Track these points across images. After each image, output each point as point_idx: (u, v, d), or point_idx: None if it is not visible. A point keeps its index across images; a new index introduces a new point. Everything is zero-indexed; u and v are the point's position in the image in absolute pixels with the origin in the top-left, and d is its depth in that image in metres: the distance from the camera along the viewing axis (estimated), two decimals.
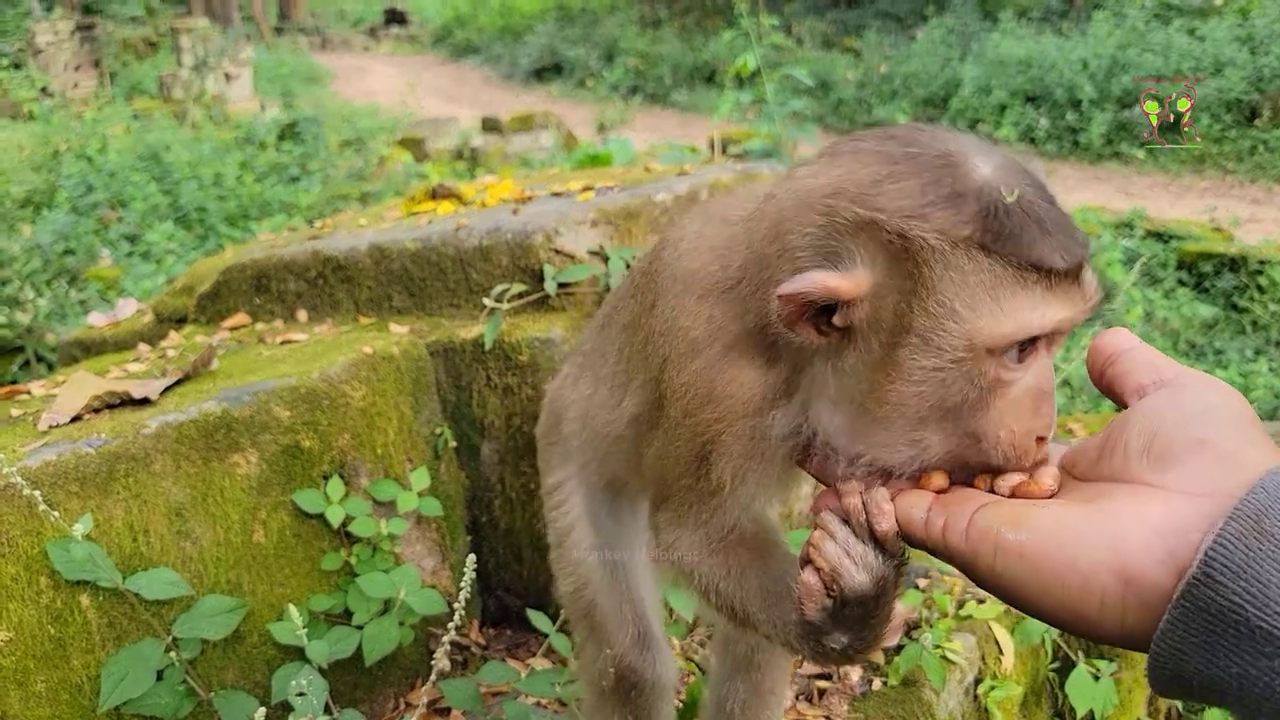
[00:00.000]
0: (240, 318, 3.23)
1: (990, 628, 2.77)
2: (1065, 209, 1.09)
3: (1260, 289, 8.96)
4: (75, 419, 2.31)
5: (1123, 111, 14.78)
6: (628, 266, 2.71)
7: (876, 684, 2.63)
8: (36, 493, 1.87)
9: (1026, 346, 1.08)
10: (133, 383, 2.44)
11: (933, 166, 1.07)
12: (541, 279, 2.69)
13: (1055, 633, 2.78)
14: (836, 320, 1.11)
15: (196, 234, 10.59)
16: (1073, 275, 1.05)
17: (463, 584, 1.98)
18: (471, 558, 1.97)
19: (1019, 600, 0.98)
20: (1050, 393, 1.12)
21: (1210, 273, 9.33)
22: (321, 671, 2.17)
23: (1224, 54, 14.51)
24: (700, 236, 1.40)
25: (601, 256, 2.73)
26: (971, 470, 1.13)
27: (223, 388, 2.43)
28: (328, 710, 2.17)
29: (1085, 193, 12.91)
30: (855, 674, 2.67)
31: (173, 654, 2.09)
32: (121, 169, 11.65)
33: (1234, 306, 9.02)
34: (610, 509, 2.01)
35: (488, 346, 2.64)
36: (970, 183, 1.05)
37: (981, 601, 2.83)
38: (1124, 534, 0.90)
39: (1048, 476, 1.09)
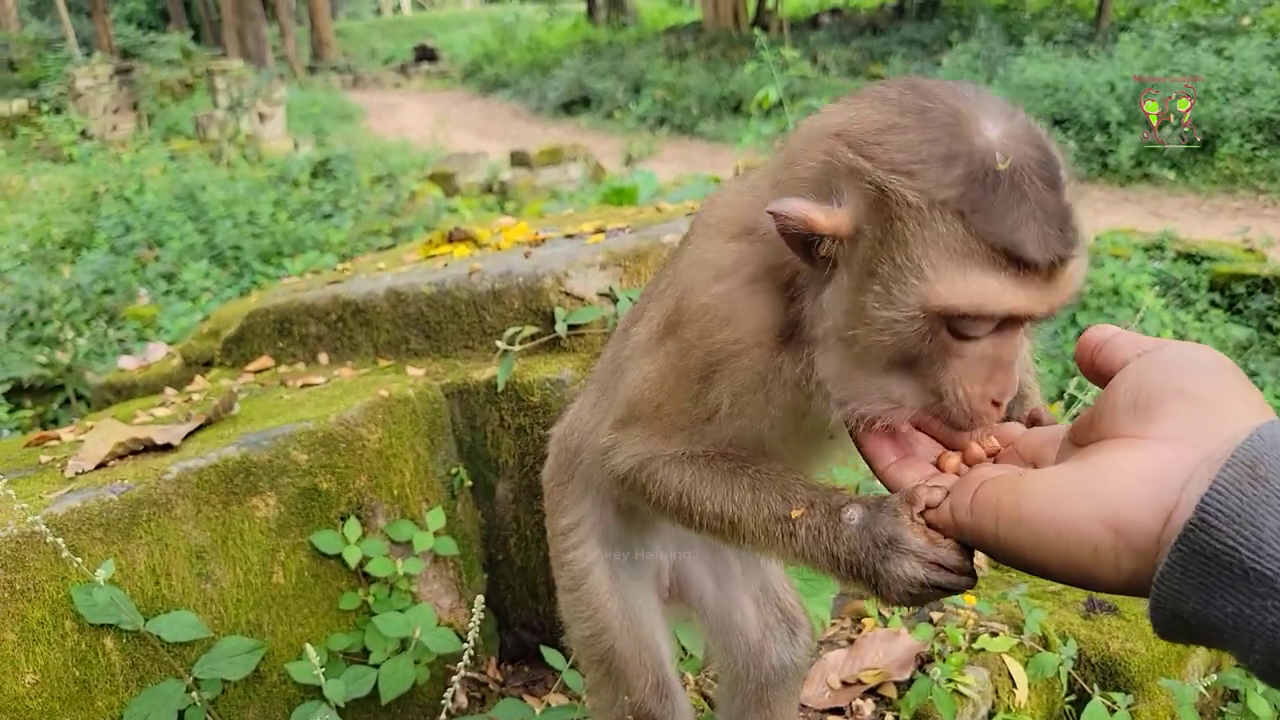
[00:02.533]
0: (264, 360, 3.32)
1: (1003, 660, 2.77)
2: (1068, 197, 1.09)
3: None
4: (100, 465, 2.39)
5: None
6: None
7: (889, 718, 2.64)
8: (60, 540, 1.94)
9: (983, 324, 1.11)
10: (156, 429, 2.52)
11: (937, 123, 1.08)
12: (552, 321, 2.75)
13: (1069, 665, 2.78)
14: (822, 252, 1.15)
15: (231, 272, 10.78)
16: (1047, 270, 1.06)
17: (472, 623, 2.03)
18: (480, 598, 2.02)
19: (1025, 563, 1.02)
20: (1008, 363, 1.15)
21: (1243, 294, 9.23)
22: (339, 710, 2.23)
23: (1253, 73, 14.41)
24: (736, 191, 1.43)
25: (611, 298, 2.79)
26: (938, 420, 1.20)
27: (243, 432, 2.51)
28: None
29: (1115, 215, 12.83)
30: (868, 709, 2.68)
31: (194, 694, 2.16)
32: (158, 209, 11.88)
33: (1268, 328, 8.91)
34: (625, 549, 1.98)
35: (500, 388, 2.70)
36: (967, 144, 1.06)
37: (995, 635, 2.84)
38: (1109, 484, 0.95)
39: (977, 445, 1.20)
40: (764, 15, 26.14)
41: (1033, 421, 1.31)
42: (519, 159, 16.37)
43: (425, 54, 34.80)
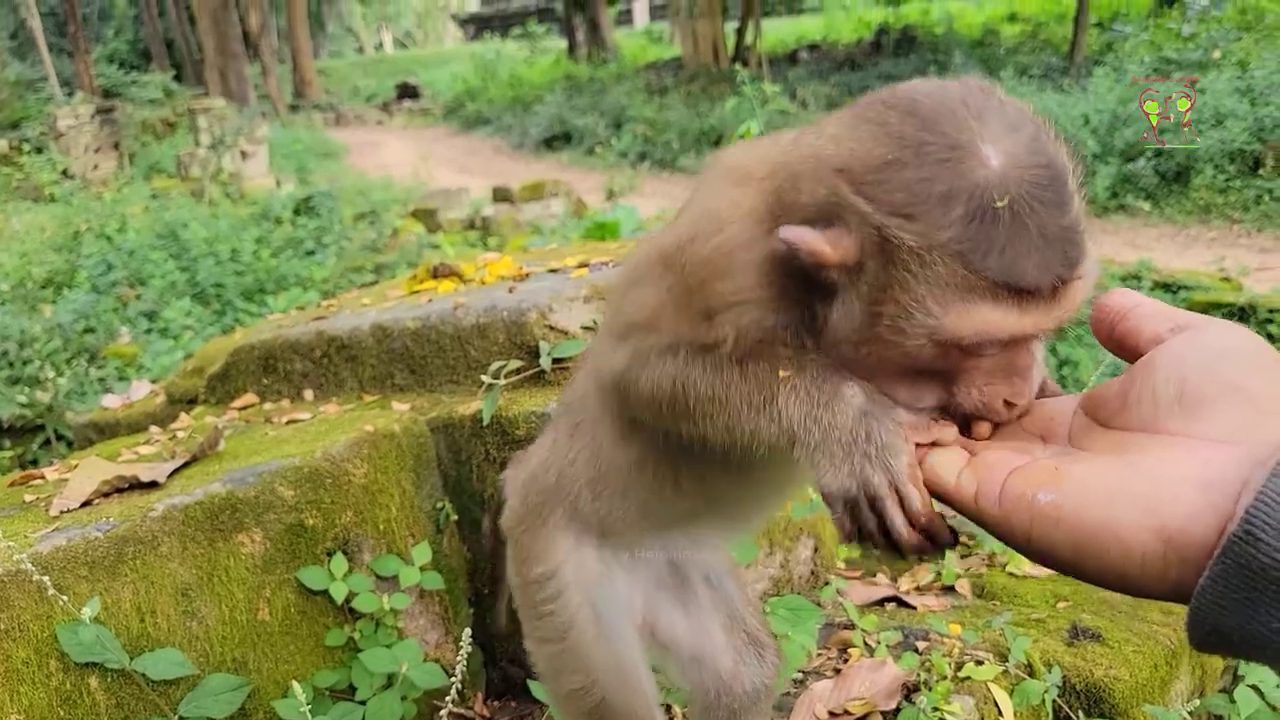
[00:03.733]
0: (249, 398, 3.32)
1: (989, 689, 2.79)
2: (1074, 213, 1.08)
3: (1271, 337, 8.95)
4: (86, 503, 2.39)
5: (1126, 165, 14.90)
6: None
7: None
8: (45, 578, 1.94)
9: (992, 346, 1.11)
10: (141, 467, 2.52)
11: (935, 159, 1.07)
12: (537, 354, 2.77)
13: (1054, 692, 2.79)
14: (824, 275, 1.15)
15: (214, 310, 10.79)
16: (1050, 292, 1.06)
17: (459, 657, 2.03)
18: (467, 632, 2.02)
19: (1058, 564, 0.98)
20: (1024, 369, 1.16)
21: None
22: None
23: (1224, 105, 14.64)
24: (750, 150, 1.40)
25: (594, 331, 2.81)
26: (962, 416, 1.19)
27: (228, 469, 2.51)
28: None
29: (1092, 246, 12.94)
30: None
31: None
32: (140, 247, 11.89)
33: None
34: (609, 591, 1.91)
35: (485, 422, 2.72)
36: (967, 181, 1.05)
37: (980, 663, 2.85)
38: (1161, 492, 0.90)
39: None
40: (743, 51, 26.42)
41: (1038, 392, 1.27)
42: (501, 195, 16.45)
43: (407, 91, 35.00)
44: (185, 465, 2.62)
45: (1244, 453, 0.88)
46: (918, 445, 1.16)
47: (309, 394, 3.22)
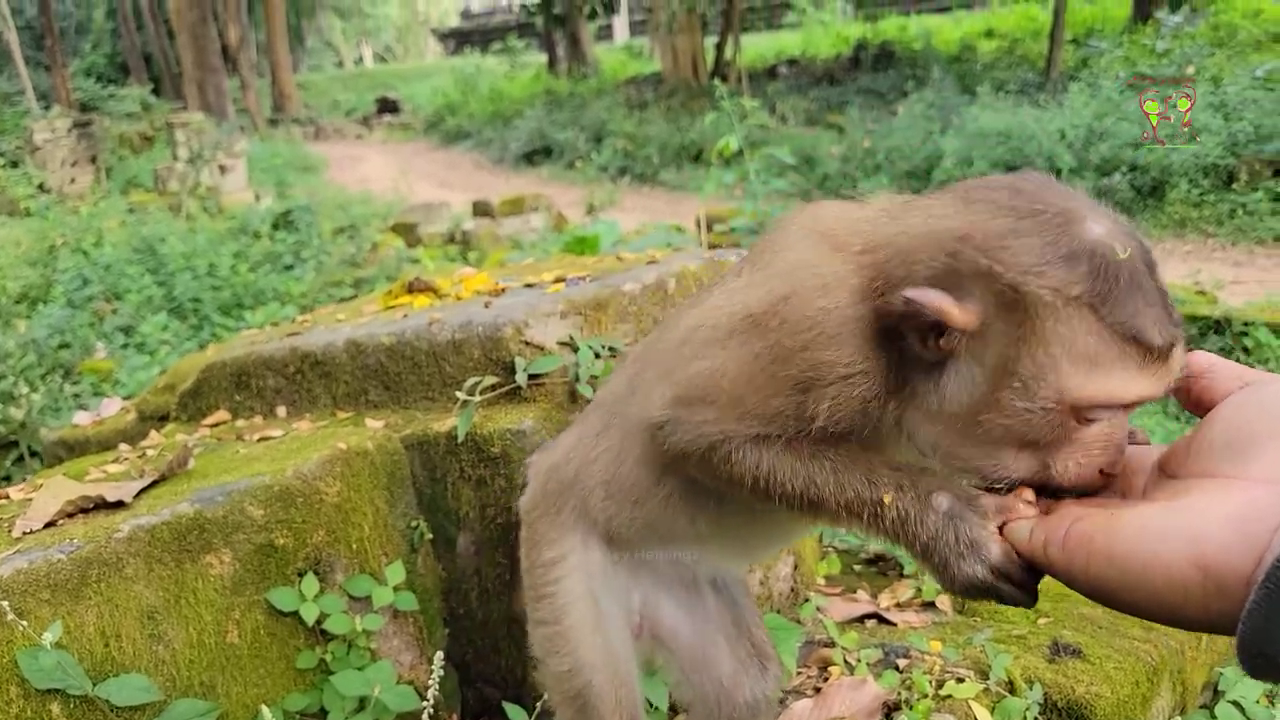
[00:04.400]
0: (221, 415, 3.27)
1: (970, 706, 2.76)
2: (1164, 284, 1.18)
3: (1246, 350, 9.01)
4: (50, 524, 2.34)
5: (1102, 179, 15.00)
6: (597, 355, 2.76)
7: None
8: (4, 602, 1.89)
9: (1110, 411, 1.18)
10: (107, 486, 2.46)
11: (1053, 225, 1.16)
12: (513, 371, 2.73)
13: (1035, 710, 2.77)
14: (941, 343, 1.21)
15: (191, 324, 10.68)
16: (1165, 354, 1.14)
17: (431, 680, 1.99)
18: (440, 653, 1.98)
19: (1115, 602, 1.04)
20: (1120, 443, 1.22)
21: (1197, 335, 9.39)
22: None
23: (1199, 120, 14.77)
24: (837, 216, 1.45)
25: (571, 347, 2.78)
26: (1043, 490, 1.25)
27: (196, 488, 2.46)
28: None
29: None
30: None
31: None
32: (117, 262, 11.77)
33: None
34: (610, 586, 1.96)
35: (460, 439, 2.68)
36: (1085, 243, 1.14)
37: (961, 681, 2.83)
38: (1201, 525, 0.95)
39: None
40: (723, 66, 26.50)
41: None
42: (481, 209, 16.40)
43: (387, 105, 34.94)
44: (153, 484, 2.57)
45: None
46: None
47: (282, 410, 3.17)
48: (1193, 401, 1.17)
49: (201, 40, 27.36)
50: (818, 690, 2.87)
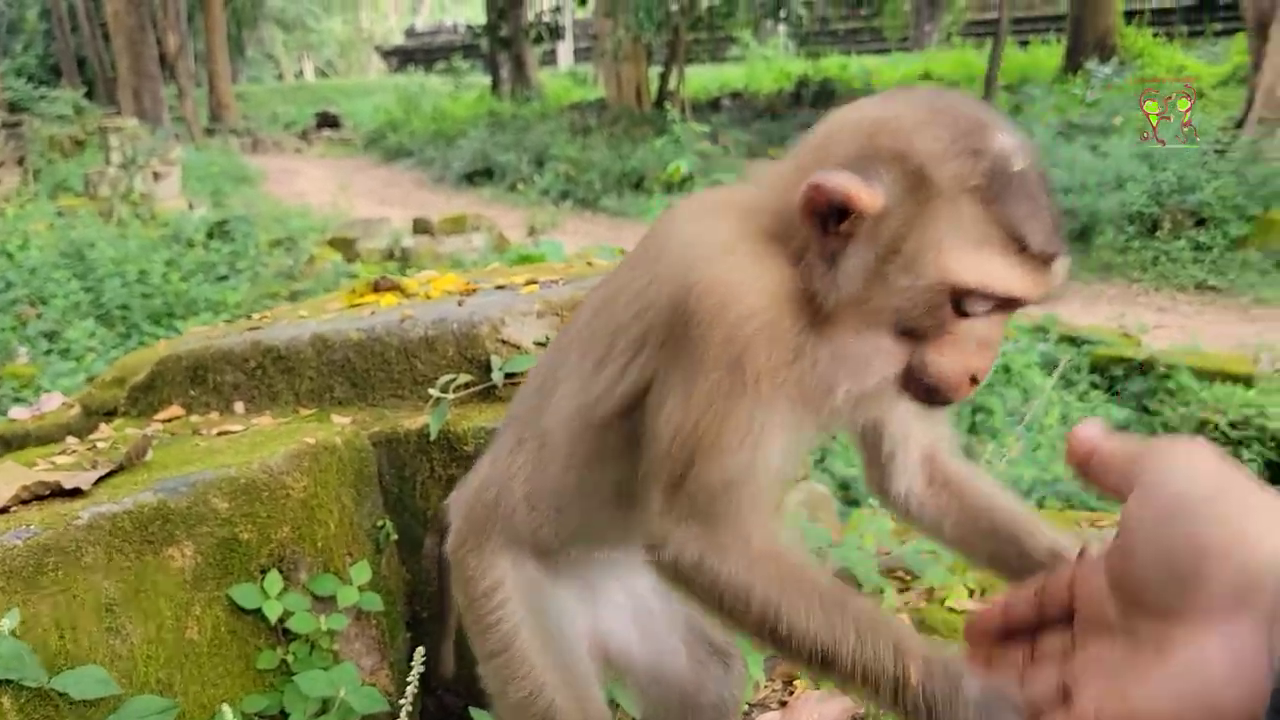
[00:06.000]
0: (174, 410, 3.16)
1: None
2: (1056, 206, 1.25)
3: (1169, 392, 9.25)
4: (3, 510, 2.22)
5: None
6: None
7: None
8: None
9: (985, 302, 1.23)
10: (63, 474, 2.36)
11: (965, 124, 1.24)
12: (488, 369, 2.69)
13: None
14: (842, 227, 1.25)
15: (119, 332, 10.39)
16: (1045, 260, 1.21)
17: (410, 678, 1.93)
18: (420, 650, 1.92)
19: None
20: (994, 343, 1.28)
21: (1121, 376, 9.62)
22: None
23: (1125, 169, 15.23)
24: (711, 192, 1.50)
25: (547, 347, 2.74)
26: (912, 394, 1.32)
27: (159, 478, 2.37)
28: None
29: None
30: None
31: None
32: (43, 265, 11.45)
33: (1145, 409, 9.28)
34: (554, 602, 1.87)
35: (433, 437, 2.62)
36: (990, 145, 1.22)
37: None
38: (1208, 687, 0.91)
39: None
40: (666, 95, 26.69)
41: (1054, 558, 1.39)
42: (421, 226, 16.25)
43: (327, 120, 34.51)
44: (111, 474, 2.46)
45: (1248, 618, 0.90)
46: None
47: (240, 407, 3.07)
48: (1089, 478, 1.13)
49: (139, 46, 26.81)
50: (783, 704, 2.85)
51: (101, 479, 2.42)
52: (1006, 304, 1.25)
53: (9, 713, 1.93)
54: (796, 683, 2.90)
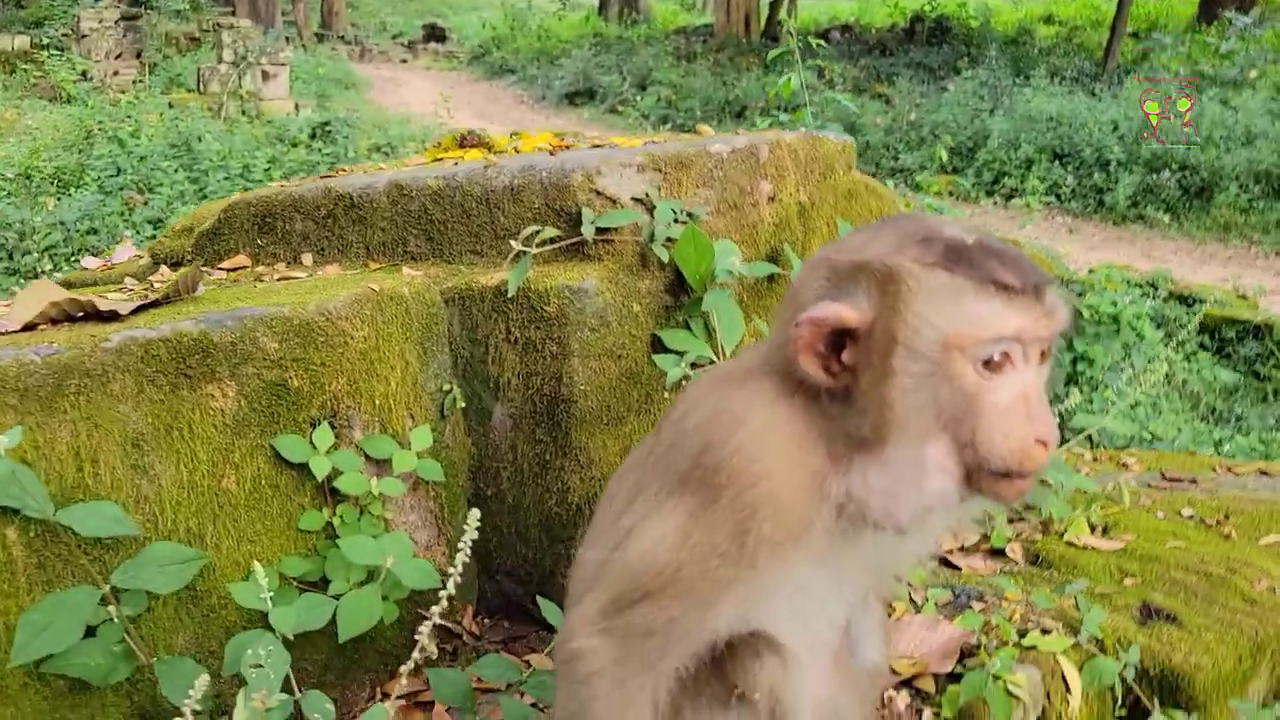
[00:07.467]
0: (240, 259, 2.93)
1: (1057, 661, 2.41)
2: (1025, 255, 1.27)
3: None
4: (28, 328, 2.00)
5: (1150, 175, 14.45)
6: (675, 219, 2.40)
7: (927, 715, 2.28)
8: None
9: (998, 355, 1.22)
10: (99, 297, 2.12)
11: (909, 229, 1.30)
12: (578, 224, 2.37)
13: (1131, 674, 2.42)
14: (845, 357, 1.28)
15: None
16: (1031, 292, 1.23)
17: (461, 547, 1.65)
18: (475, 513, 1.64)
19: None
20: (1038, 399, 1.26)
21: (1233, 339, 9.03)
22: (286, 643, 1.83)
23: (1256, 125, 14.21)
24: (720, 366, 1.56)
25: (646, 205, 2.42)
26: (985, 491, 1.27)
27: (205, 310, 2.11)
28: (289, 688, 1.82)
29: (1108, 252, 12.54)
30: (901, 702, 2.32)
31: (111, 607, 1.77)
32: (152, 154, 11.53)
33: (1256, 374, 8.71)
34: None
35: (511, 293, 2.32)
36: (937, 234, 1.27)
37: (1046, 632, 2.48)
38: None
39: None
40: (775, 25, 25.84)
41: None
42: None
43: (434, 33, 34.37)
44: (154, 305, 2.23)
45: None
46: None
47: (308, 258, 2.82)
48: None
49: None
50: None
51: (143, 308, 2.18)
52: (1027, 348, 1.24)
53: (14, 546, 1.71)
54: (895, 605, 2.58)
